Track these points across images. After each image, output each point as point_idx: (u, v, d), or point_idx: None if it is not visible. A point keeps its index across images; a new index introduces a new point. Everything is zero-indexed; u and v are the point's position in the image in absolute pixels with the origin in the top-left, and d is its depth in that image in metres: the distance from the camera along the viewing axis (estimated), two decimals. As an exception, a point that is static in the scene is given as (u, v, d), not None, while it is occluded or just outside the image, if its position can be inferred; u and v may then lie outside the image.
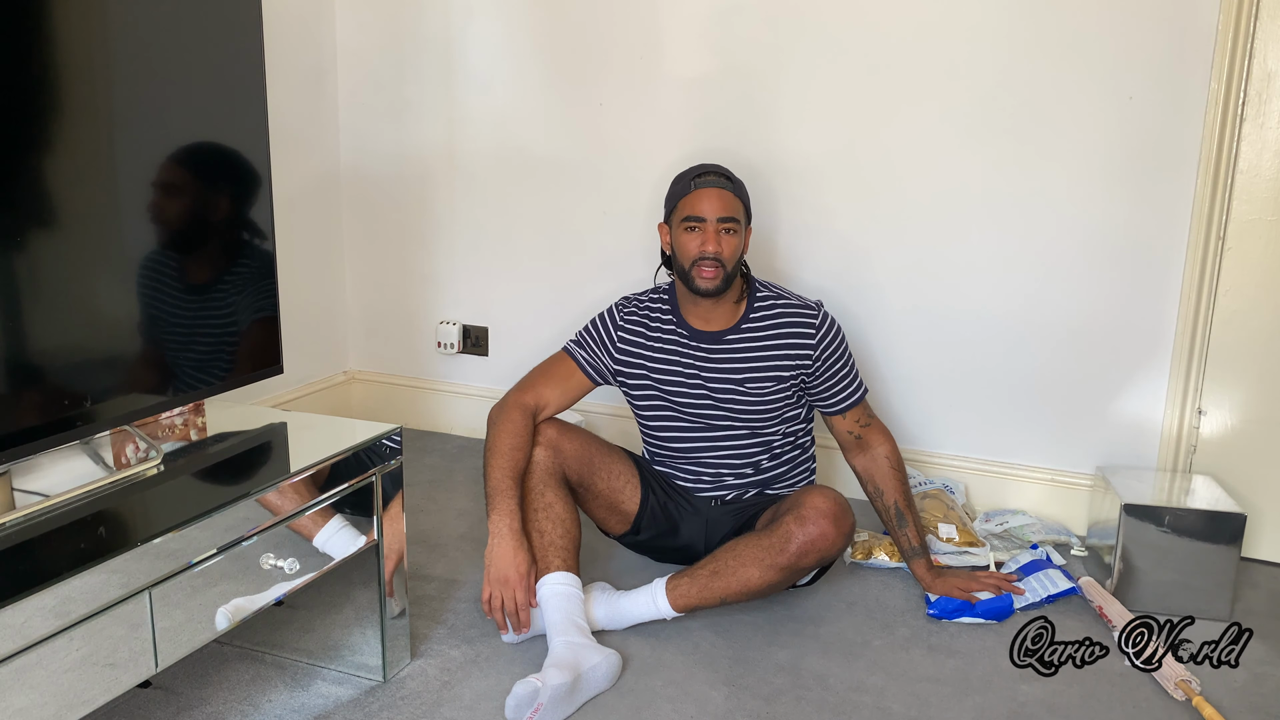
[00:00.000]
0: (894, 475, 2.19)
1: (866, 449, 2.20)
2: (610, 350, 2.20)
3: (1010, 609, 2.12)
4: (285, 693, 1.83)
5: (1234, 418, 2.43)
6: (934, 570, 2.19)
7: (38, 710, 1.24)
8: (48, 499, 1.37)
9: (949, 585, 2.16)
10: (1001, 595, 2.13)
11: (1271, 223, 2.32)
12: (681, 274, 2.11)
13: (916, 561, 2.19)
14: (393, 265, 3.22)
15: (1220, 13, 2.27)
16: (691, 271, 2.07)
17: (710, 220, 2.05)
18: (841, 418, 2.20)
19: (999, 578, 2.20)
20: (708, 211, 2.05)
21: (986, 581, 2.17)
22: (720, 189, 2.07)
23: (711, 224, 2.05)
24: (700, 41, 2.72)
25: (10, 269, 1.36)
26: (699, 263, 2.06)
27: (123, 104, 1.50)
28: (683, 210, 2.08)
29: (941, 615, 2.11)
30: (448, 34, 2.99)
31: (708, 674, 1.91)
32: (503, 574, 1.92)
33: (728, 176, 2.11)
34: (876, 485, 2.20)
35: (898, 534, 2.19)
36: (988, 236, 2.55)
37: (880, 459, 2.19)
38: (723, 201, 2.06)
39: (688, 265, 2.08)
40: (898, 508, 2.17)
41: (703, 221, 2.05)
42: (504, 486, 1.98)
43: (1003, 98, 2.48)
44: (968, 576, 2.19)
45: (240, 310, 1.76)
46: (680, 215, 2.09)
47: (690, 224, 2.07)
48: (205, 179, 1.69)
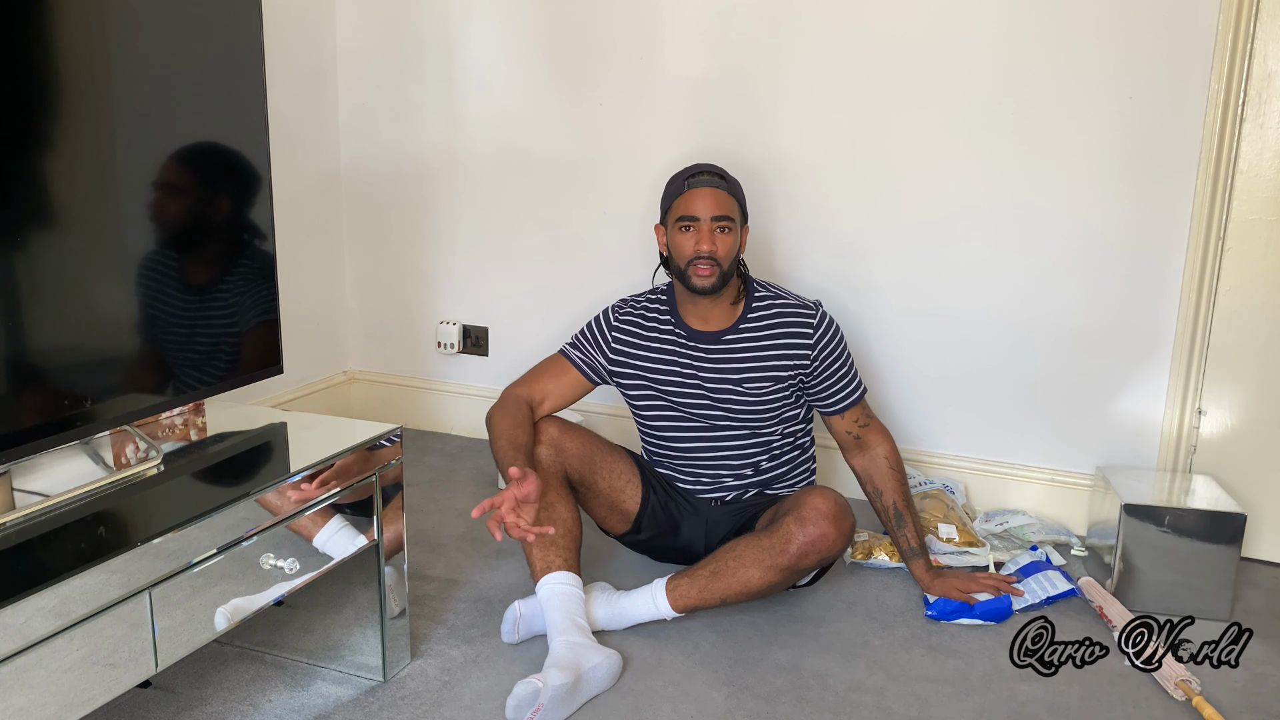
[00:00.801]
0: (893, 476, 2.18)
1: (865, 449, 2.20)
2: (605, 350, 2.20)
3: (1009, 610, 2.12)
4: (285, 693, 1.83)
5: (1234, 418, 2.43)
6: (933, 571, 2.19)
7: (38, 710, 1.24)
8: (48, 499, 1.37)
9: (947, 586, 2.15)
10: (1000, 596, 2.13)
11: (1271, 223, 2.32)
12: (678, 274, 2.11)
13: (915, 562, 2.19)
14: (393, 265, 3.22)
15: (1220, 13, 2.27)
16: (688, 271, 2.07)
17: (704, 219, 2.05)
18: (840, 418, 2.20)
19: (998, 579, 2.20)
20: (702, 211, 2.06)
21: (985, 583, 2.17)
22: (714, 188, 2.08)
23: (706, 223, 2.05)
24: (700, 42, 2.72)
25: (10, 269, 1.36)
26: (694, 262, 2.06)
27: (122, 104, 1.50)
28: (677, 210, 2.09)
29: (940, 616, 2.11)
30: (448, 34, 2.99)
31: (708, 674, 1.91)
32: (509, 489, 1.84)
33: (721, 175, 2.11)
34: (875, 486, 2.20)
35: (896, 534, 2.19)
36: (988, 236, 2.55)
37: (879, 459, 2.19)
38: (716, 200, 2.07)
39: (684, 265, 2.08)
40: (896, 508, 2.17)
41: (697, 220, 2.06)
42: (511, 455, 1.96)
43: (1003, 98, 2.48)
44: (966, 577, 2.19)
45: (240, 310, 1.76)
46: (675, 215, 2.09)
47: (685, 224, 2.07)
48: (205, 179, 1.69)
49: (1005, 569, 2.29)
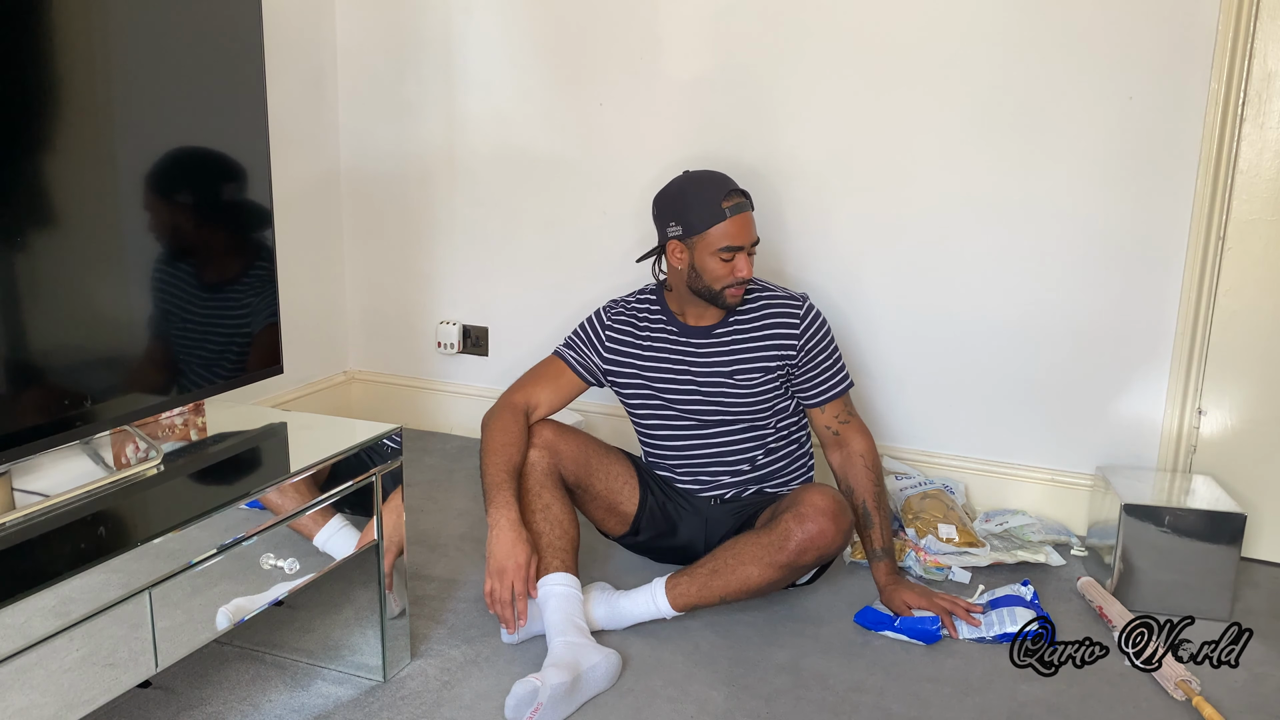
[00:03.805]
0: (867, 474, 2.15)
1: (843, 445, 2.18)
2: (599, 350, 2.21)
3: (935, 635, 2.00)
4: (285, 693, 1.83)
5: (1234, 418, 2.43)
6: (892, 577, 2.11)
7: (38, 710, 1.24)
8: (48, 499, 1.37)
9: (899, 596, 2.07)
10: (927, 617, 2.02)
11: (1271, 223, 2.32)
12: (705, 292, 2.11)
13: (877, 565, 2.13)
14: (393, 265, 3.22)
15: (1220, 13, 2.27)
16: (723, 293, 2.09)
17: (746, 247, 2.07)
18: (821, 411, 2.19)
19: (953, 602, 2.06)
20: (744, 240, 2.06)
21: (940, 603, 2.05)
22: (748, 213, 2.08)
23: (747, 249, 2.07)
24: (700, 42, 2.72)
25: (11, 270, 1.36)
26: (730, 287, 2.08)
27: (122, 104, 1.50)
28: (716, 239, 2.05)
29: (864, 625, 2.07)
30: (448, 34, 2.99)
31: (708, 674, 1.91)
32: (500, 565, 1.91)
33: (746, 195, 2.11)
34: (849, 484, 2.16)
35: (864, 534, 2.14)
36: (988, 237, 2.55)
37: (854, 456, 2.16)
38: (750, 225, 2.08)
39: (718, 287, 2.09)
40: (866, 507, 2.13)
41: (740, 250, 2.06)
42: (499, 480, 1.98)
43: (1003, 98, 2.48)
44: (922, 592, 2.08)
45: (240, 310, 1.76)
46: (714, 244, 2.05)
47: (726, 254, 2.06)
48: (206, 179, 1.69)
49: (984, 596, 2.16)
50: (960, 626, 2.04)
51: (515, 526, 1.93)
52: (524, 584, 1.90)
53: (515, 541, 1.92)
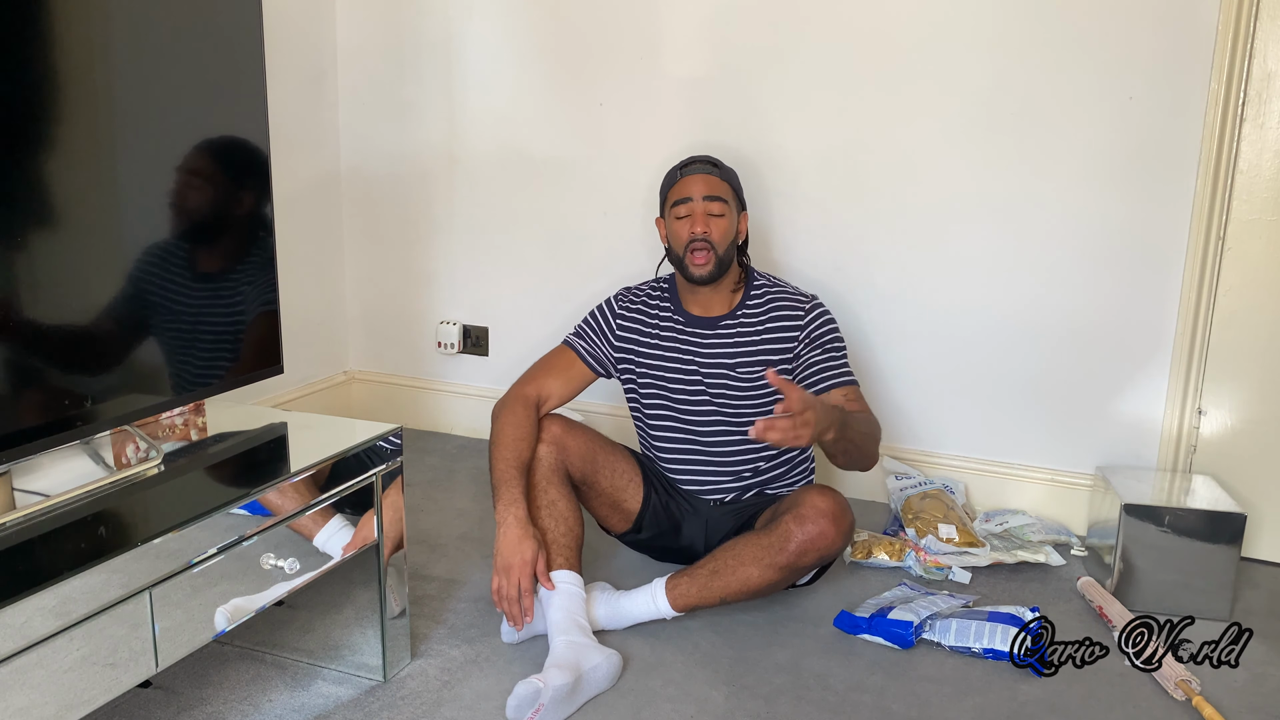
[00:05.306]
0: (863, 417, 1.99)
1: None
2: (610, 339, 2.22)
3: (909, 640, 1.98)
4: (285, 693, 1.83)
5: (1234, 418, 2.43)
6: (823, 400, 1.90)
7: (38, 710, 1.24)
8: (48, 499, 1.37)
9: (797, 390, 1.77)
10: (901, 622, 1.99)
11: (1271, 223, 2.32)
12: (678, 263, 2.15)
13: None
14: (393, 265, 3.22)
15: (1220, 13, 2.27)
16: (685, 259, 2.11)
17: (696, 200, 2.09)
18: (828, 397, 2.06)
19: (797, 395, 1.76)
20: (694, 191, 2.10)
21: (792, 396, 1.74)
22: (705, 174, 2.13)
23: (698, 203, 2.09)
24: (700, 42, 2.72)
25: (11, 269, 1.36)
26: (691, 249, 2.09)
27: (122, 104, 1.50)
28: (672, 198, 2.14)
29: (842, 629, 2.06)
30: (448, 34, 2.99)
31: (708, 674, 1.91)
32: (507, 562, 1.91)
33: (714, 163, 2.17)
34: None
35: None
36: (988, 236, 2.55)
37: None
38: (708, 183, 2.11)
39: (681, 253, 2.12)
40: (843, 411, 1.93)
41: (689, 202, 2.10)
42: (509, 476, 1.99)
43: (1003, 98, 2.48)
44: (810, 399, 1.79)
45: (241, 310, 1.76)
46: (670, 203, 2.15)
47: (679, 210, 2.11)
48: (205, 180, 1.68)
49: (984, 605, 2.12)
50: (945, 634, 1.99)
51: (523, 523, 1.94)
52: (530, 580, 1.91)
53: (522, 538, 1.92)
